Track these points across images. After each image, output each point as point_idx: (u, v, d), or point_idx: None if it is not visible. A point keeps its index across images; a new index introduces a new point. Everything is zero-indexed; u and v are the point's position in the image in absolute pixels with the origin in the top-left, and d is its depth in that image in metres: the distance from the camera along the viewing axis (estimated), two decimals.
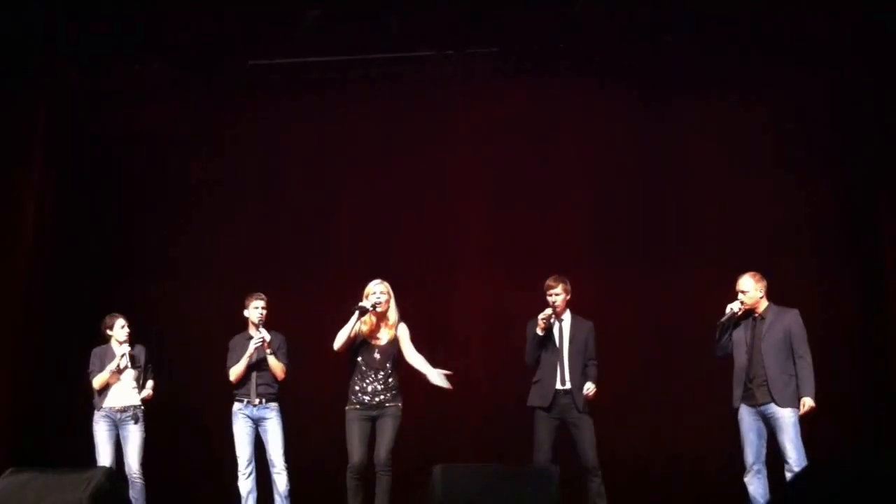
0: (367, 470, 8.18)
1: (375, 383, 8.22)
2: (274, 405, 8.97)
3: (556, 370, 8.46)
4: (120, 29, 10.26)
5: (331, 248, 11.00)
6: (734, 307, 8.09)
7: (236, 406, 8.96)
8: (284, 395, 9.12)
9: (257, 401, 8.91)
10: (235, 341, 9.12)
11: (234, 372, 8.97)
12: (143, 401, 9.14)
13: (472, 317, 10.78)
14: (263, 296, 9.10)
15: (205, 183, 11.24)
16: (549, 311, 8.46)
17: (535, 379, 8.56)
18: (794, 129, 10.27)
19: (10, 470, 6.50)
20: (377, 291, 8.28)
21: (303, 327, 9.74)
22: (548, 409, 8.39)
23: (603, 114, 10.69)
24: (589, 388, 8.39)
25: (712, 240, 10.30)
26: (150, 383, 9.21)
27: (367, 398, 8.19)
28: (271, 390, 8.98)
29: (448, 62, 10.60)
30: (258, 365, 8.96)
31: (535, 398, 8.51)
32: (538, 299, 8.73)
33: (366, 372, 8.25)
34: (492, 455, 9.75)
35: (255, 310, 9.04)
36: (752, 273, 8.16)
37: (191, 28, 10.33)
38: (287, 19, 10.08)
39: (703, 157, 10.47)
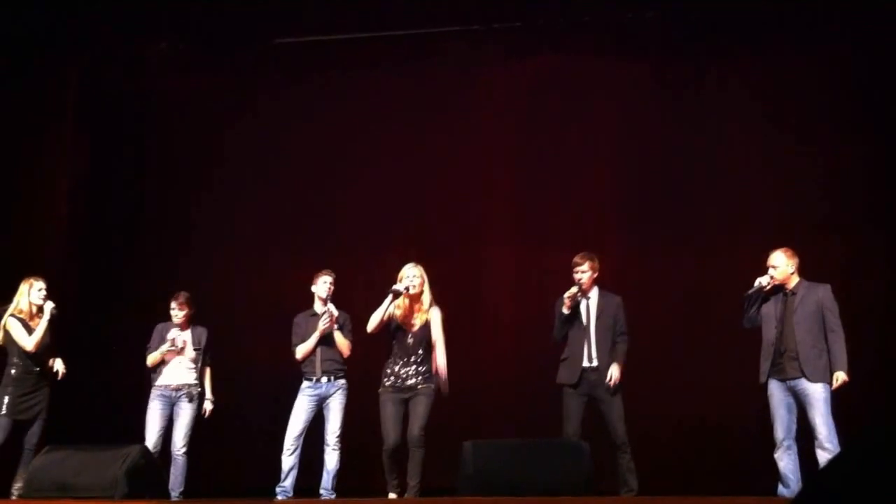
0: (402, 449, 8.22)
1: (408, 368, 8.26)
2: (341, 382, 8.81)
3: (583, 347, 8.41)
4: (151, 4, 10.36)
5: (360, 221, 11.04)
6: (763, 281, 8.00)
7: (304, 384, 8.81)
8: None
9: (324, 378, 8.75)
10: (300, 318, 8.99)
11: (302, 350, 8.84)
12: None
13: (501, 289, 10.78)
14: (331, 272, 8.95)
15: (234, 155, 11.31)
16: (574, 288, 8.43)
17: (563, 356, 8.53)
18: (821, 102, 10.18)
19: (47, 448, 6.62)
20: (410, 275, 8.33)
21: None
22: (575, 386, 8.38)
23: (632, 83, 10.67)
24: (612, 375, 8.32)
25: (739, 212, 10.27)
26: (207, 374, 9.19)
27: (399, 381, 8.24)
28: (337, 366, 8.79)
29: (472, 37, 10.63)
30: (323, 341, 8.78)
31: (563, 376, 8.48)
32: (565, 269, 8.75)
33: (399, 356, 8.30)
34: (522, 430, 9.78)
35: (323, 284, 8.86)
36: (784, 249, 8.08)
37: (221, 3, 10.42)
38: None
39: (728, 131, 10.46)
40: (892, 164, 9.97)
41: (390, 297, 8.24)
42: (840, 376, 7.66)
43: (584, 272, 8.50)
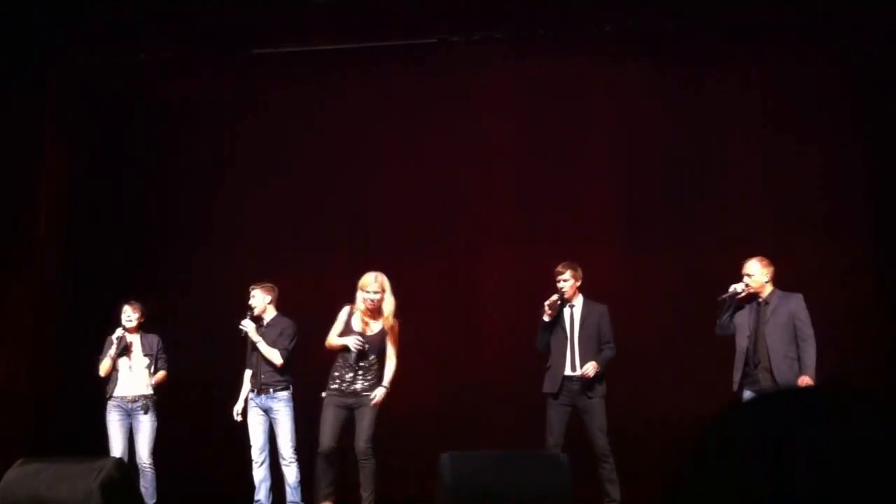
0: (335, 455, 8.19)
1: (353, 373, 8.18)
2: (282, 394, 8.81)
3: (566, 356, 8.42)
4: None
5: (360, 223, 11.05)
6: (737, 287, 8.11)
7: (250, 395, 8.91)
8: (304, 382, 9.04)
9: (263, 389, 8.80)
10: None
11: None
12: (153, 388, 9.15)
13: (500, 291, 10.73)
14: (256, 285, 9.06)
15: (234, 158, 11.30)
16: (555, 296, 8.43)
17: (547, 365, 8.54)
18: (821, 102, 10.12)
19: (20, 460, 6.58)
20: (372, 290, 8.20)
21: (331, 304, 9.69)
22: (556, 396, 8.36)
23: (632, 84, 10.64)
24: (588, 367, 8.32)
25: (739, 212, 10.26)
26: (160, 374, 9.18)
27: (344, 386, 8.16)
28: (276, 378, 8.79)
29: (472, 38, 10.60)
30: (260, 354, 8.85)
31: (546, 384, 8.50)
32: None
33: (348, 359, 8.20)
34: (519, 435, 9.74)
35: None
36: (759, 258, 8.14)
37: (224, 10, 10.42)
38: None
39: (728, 131, 10.48)
40: (891, 164, 9.89)
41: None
42: (804, 380, 7.64)
43: (565, 280, 8.49)
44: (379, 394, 8.23)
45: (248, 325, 8.83)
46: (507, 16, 10.51)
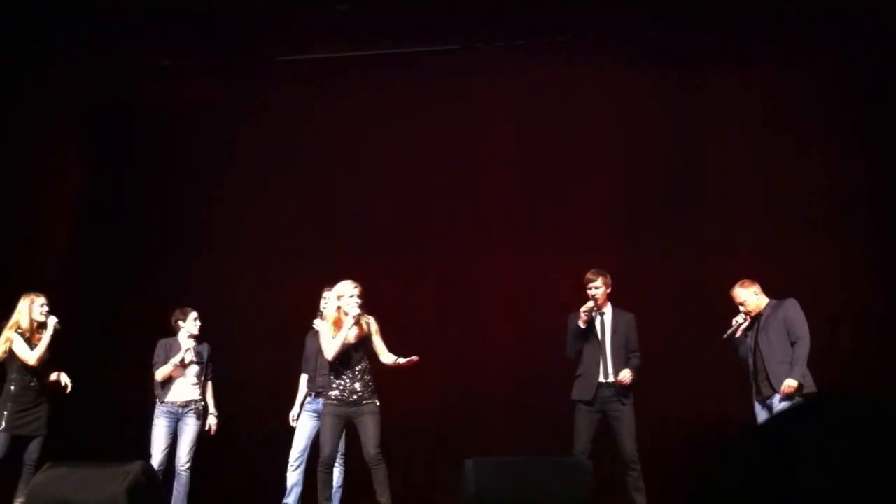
0: (334, 464, 8.16)
1: (351, 381, 7.98)
2: None
3: (598, 363, 8.36)
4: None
5: (360, 228, 11.01)
6: (739, 319, 8.19)
7: (307, 399, 8.87)
8: None
9: (319, 393, 8.64)
10: (308, 335, 9.03)
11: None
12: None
13: (500, 294, 10.73)
14: (330, 288, 8.80)
15: (237, 165, 11.28)
16: (590, 303, 8.39)
17: (577, 373, 8.46)
18: (821, 103, 10.16)
19: (48, 464, 6.59)
20: (355, 294, 8.02)
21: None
22: (590, 403, 8.33)
23: (632, 85, 10.66)
24: (625, 374, 8.29)
25: (739, 213, 10.29)
26: (209, 390, 9.15)
27: (345, 395, 7.97)
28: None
29: (473, 44, 10.63)
30: (319, 357, 8.64)
31: (578, 392, 8.41)
32: (566, 274, 8.72)
33: (341, 370, 8.02)
34: (522, 442, 9.74)
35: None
36: (740, 282, 8.23)
37: (225, 12, 10.38)
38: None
39: (728, 131, 10.50)
40: (891, 164, 9.95)
41: (352, 322, 8.02)
42: (787, 383, 7.73)
43: (597, 288, 8.46)
44: (404, 360, 8.01)
45: (320, 326, 8.72)
46: (507, 17, 10.49)
